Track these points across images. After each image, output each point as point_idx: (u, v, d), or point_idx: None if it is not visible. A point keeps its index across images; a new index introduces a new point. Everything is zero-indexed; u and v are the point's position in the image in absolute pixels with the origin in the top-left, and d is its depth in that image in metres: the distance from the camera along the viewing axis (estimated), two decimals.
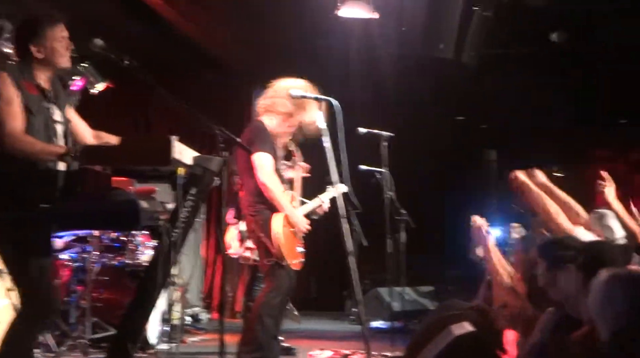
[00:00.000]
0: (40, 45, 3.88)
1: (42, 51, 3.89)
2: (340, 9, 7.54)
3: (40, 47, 3.88)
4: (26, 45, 3.89)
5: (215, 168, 3.97)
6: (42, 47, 3.88)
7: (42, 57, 3.90)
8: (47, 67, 3.94)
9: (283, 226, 5.25)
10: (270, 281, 5.33)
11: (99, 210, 3.92)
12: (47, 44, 3.89)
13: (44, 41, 3.89)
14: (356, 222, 6.62)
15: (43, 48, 3.89)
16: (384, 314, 8.52)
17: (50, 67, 3.94)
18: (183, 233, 3.93)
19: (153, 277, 3.89)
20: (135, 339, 4.00)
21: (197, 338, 7.35)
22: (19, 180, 3.76)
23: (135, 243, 6.73)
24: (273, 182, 5.23)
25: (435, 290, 9.90)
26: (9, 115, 3.73)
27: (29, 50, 3.88)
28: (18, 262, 3.82)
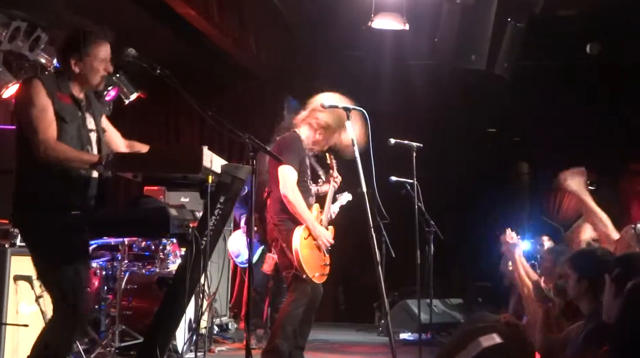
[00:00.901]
0: (79, 61, 3.92)
1: (80, 67, 3.93)
2: (374, 20, 7.55)
3: (79, 63, 3.92)
4: (67, 57, 3.93)
5: (243, 176, 3.98)
6: (81, 63, 3.92)
7: (79, 72, 3.93)
8: (81, 83, 3.97)
9: (304, 239, 5.26)
10: (292, 292, 5.36)
11: (129, 217, 3.94)
12: (88, 61, 3.92)
13: (85, 58, 3.92)
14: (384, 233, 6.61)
15: (82, 64, 3.92)
16: (412, 326, 8.48)
17: (84, 83, 3.98)
18: (212, 241, 3.94)
19: (181, 284, 3.89)
20: (163, 347, 4.00)
21: (224, 348, 7.35)
22: (52, 187, 3.80)
23: (165, 252, 6.76)
24: (295, 195, 5.25)
25: (464, 303, 9.84)
26: (43, 123, 3.77)
27: (68, 63, 3.93)
28: (53, 268, 3.85)
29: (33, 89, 3.82)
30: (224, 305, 8.38)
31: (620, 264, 3.26)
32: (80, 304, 3.86)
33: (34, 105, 3.78)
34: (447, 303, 9.52)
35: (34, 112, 3.78)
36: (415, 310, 7.96)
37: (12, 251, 5.20)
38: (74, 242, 3.88)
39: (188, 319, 6.34)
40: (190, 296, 4.05)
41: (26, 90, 3.85)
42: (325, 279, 5.49)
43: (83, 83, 3.98)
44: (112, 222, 3.95)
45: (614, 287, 3.21)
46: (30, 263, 4.00)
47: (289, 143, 5.44)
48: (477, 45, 7.93)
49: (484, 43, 7.90)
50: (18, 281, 5.19)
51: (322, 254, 5.46)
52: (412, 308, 8.76)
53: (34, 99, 3.79)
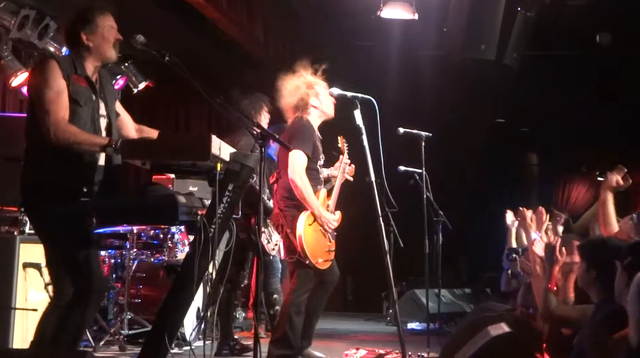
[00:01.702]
0: (90, 33, 3.95)
1: (92, 39, 3.95)
2: (382, 10, 7.53)
3: (90, 35, 3.94)
4: (78, 33, 3.95)
5: (252, 164, 3.97)
6: (93, 35, 3.95)
7: (92, 46, 3.95)
8: (96, 57, 3.98)
9: (309, 224, 5.27)
10: (295, 278, 5.37)
11: (138, 205, 3.95)
12: (98, 31, 3.96)
13: (95, 29, 3.95)
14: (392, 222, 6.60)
15: (93, 36, 3.95)
16: (420, 316, 8.49)
17: (99, 56, 3.99)
18: (220, 229, 3.93)
19: (190, 272, 3.89)
20: (171, 335, 4.00)
21: None
22: (60, 173, 3.81)
23: (173, 241, 6.77)
24: (302, 181, 5.26)
25: (473, 293, 9.83)
26: (56, 105, 3.77)
27: (80, 39, 3.94)
28: (65, 252, 3.87)
29: (49, 69, 3.82)
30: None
31: (633, 252, 3.24)
32: (101, 281, 3.95)
33: (48, 86, 3.79)
34: (455, 293, 9.52)
35: (47, 93, 3.78)
36: (424, 300, 7.96)
37: (21, 238, 5.23)
38: (83, 228, 3.89)
39: (196, 307, 6.35)
40: (198, 284, 4.05)
41: (41, 71, 3.85)
42: (330, 265, 5.48)
43: (98, 58, 3.99)
44: (121, 209, 3.96)
45: (625, 275, 3.20)
46: (39, 251, 4.02)
47: (300, 129, 5.44)
48: (487, 35, 7.90)
49: (493, 33, 7.87)
50: (27, 268, 5.22)
51: (327, 240, 5.46)
52: (420, 298, 8.77)
53: (49, 80, 3.80)
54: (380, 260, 5.04)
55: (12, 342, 5.06)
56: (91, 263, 3.90)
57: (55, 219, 3.82)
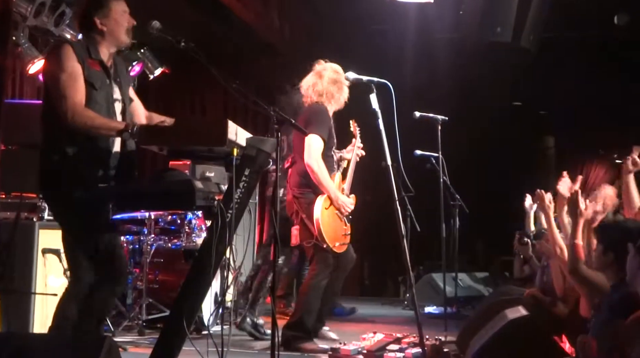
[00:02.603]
0: (104, 17, 3.96)
1: (106, 24, 3.96)
2: None
3: (104, 20, 3.96)
4: (91, 18, 3.96)
5: (269, 149, 3.98)
6: (106, 19, 3.96)
7: (105, 30, 3.96)
8: (109, 42, 4.00)
9: (325, 208, 5.30)
10: (315, 263, 5.39)
11: (155, 190, 3.96)
12: (111, 15, 3.97)
13: (108, 13, 3.96)
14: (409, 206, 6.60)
15: (107, 20, 3.96)
16: (437, 300, 8.49)
17: (112, 41, 4.00)
18: (237, 214, 3.94)
19: (207, 257, 3.90)
20: (189, 320, 4.02)
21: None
22: (77, 160, 3.82)
23: (191, 226, 6.80)
24: (319, 165, 5.28)
25: (490, 276, 9.82)
26: (72, 89, 3.79)
27: (94, 24, 3.95)
28: (85, 237, 3.90)
29: (64, 54, 3.83)
30: None
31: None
32: (122, 261, 3.98)
33: (64, 70, 3.80)
34: (472, 276, 9.51)
35: (63, 78, 3.79)
36: (441, 284, 7.97)
37: (40, 225, 5.26)
38: (103, 213, 3.93)
39: (214, 293, 6.38)
40: (215, 269, 4.07)
41: (56, 55, 3.86)
42: (346, 248, 5.50)
43: (112, 42, 4.00)
44: (138, 195, 3.98)
45: (638, 256, 3.19)
46: (58, 237, 4.04)
47: (317, 113, 5.46)
48: (503, 17, 7.85)
49: (509, 15, 7.81)
50: (46, 254, 5.25)
51: (343, 223, 5.48)
52: (437, 281, 8.76)
53: (64, 64, 3.81)
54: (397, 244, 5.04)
55: (33, 326, 5.11)
56: (114, 248, 3.94)
57: (74, 205, 3.84)
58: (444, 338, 5.77)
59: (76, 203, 3.82)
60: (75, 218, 3.88)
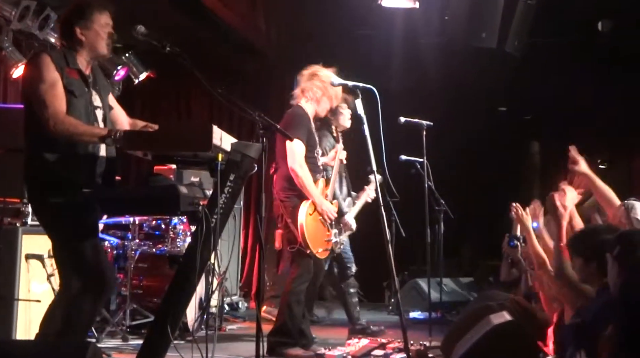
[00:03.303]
0: (85, 28, 3.95)
1: (86, 34, 3.96)
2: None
3: (84, 30, 3.95)
4: (72, 27, 3.96)
5: (254, 154, 3.97)
6: (87, 30, 3.96)
7: (85, 41, 3.96)
8: (88, 52, 4.00)
9: (309, 214, 5.31)
10: (295, 268, 5.40)
11: (140, 195, 3.96)
12: (92, 27, 3.96)
13: (90, 24, 3.96)
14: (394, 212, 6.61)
15: (87, 31, 3.96)
16: (422, 305, 8.49)
17: (91, 52, 4.00)
18: (222, 220, 3.94)
19: (192, 262, 3.89)
20: (174, 326, 4.00)
21: (234, 326, 7.38)
22: (61, 165, 3.81)
23: (175, 231, 6.78)
24: (302, 169, 5.29)
25: (475, 281, 9.84)
26: (52, 97, 3.78)
27: (74, 33, 3.95)
28: (71, 244, 3.87)
29: (42, 63, 3.82)
30: (234, 284, 8.41)
31: (621, 242, 3.24)
32: (108, 272, 3.94)
33: (43, 80, 3.79)
34: (457, 282, 9.53)
35: (43, 87, 3.78)
36: (426, 289, 7.98)
37: (24, 230, 5.23)
38: (88, 219, 3.91)
39: (199, 298, 6.37)
40: (200, 274, 4.06)
41: (35, 65, 3.86)
42: (328, 254, 5.51)
43: (90, 53, 4.00)
44: (123, 199, 3.97)
45: (616, 265, 3.20)
46: (41, 242, 4.03)
47: (295, 117, 5.47)
48: (488, 23, 7.88)
49: (494, 20, 7.84)
50: (29, 259, 5.22)
51: (326, 229, 5.50)
52: (422, 287, 8.77)
53: (43, 73, 3.80)
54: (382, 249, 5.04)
55: (16, 333, 5.07)
56: (99, 255, 3.92)
57: (59, 211, 3.82)
58: (428, 343, 5.78)
59: (61, 209, 3.80)
60: (61, 225, 3.86)
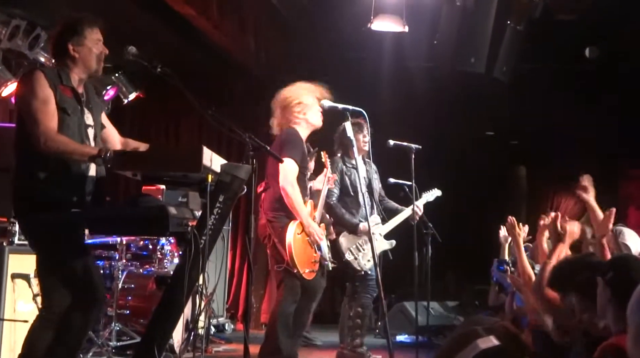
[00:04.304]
0: (77, 45, 3.96)
1: (79, 51, 3.96)
2: (373, 22, 7.55)
3: (77, 47, 3.95)
4: (65, 43, 3.96)
5: (243, 176, 3.98)
6: (79, 47, 3.96)
7: (78, 57, 3.96)
8: (81, 69, 3.99)
9: (297, 234, 5.30)
10: (282, 290, 5.38)
11: (128, 215, 3.94)
12: (85, 43, 3.97)
13: (82, 40, 3.96)
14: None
15: (80, 47, 3.96)
16: (409, 328, 8.47)
17: (84, 68, 4.00)
18: (211, 241, 3.93)
19: (180, 283, 3.88)
20: (160, 347, 3.98)
21: (220, 348, 7.35)
22: (50, 184, 3.80)
23: (163, 252, 6.76)
24: (293, 189, 5.29)
25: (461, 305, 9.83)
26: (44, 114, 3.77)
27: (67, 50, 3.95)
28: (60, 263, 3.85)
29: (35, 80, 3.81)
30: (220, 305, 8.37)
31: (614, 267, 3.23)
32: (99, 287, 3.93)
33: (35, 96, 3.78)
34: (444, 305, 9.52)
35: (35, 104, 3.77)
36: (412, 313, 7.97)
37: (10, 249, 5.21)
38: (76, 238, 3.90)
39: (185, 319, 6.34)
40: (188, 296, 4.05)
41: (28, 81, 3.85)
42: (314, 276, 5.49)
43: (83, 70, 3.99)
44: (112, 219, 3.95)
45: (608, 290, 3.18)
46: (27, 262, 4.01)
47: (290, 138, 5.47)
48: (477, 48, 7.94)
49: (483, 46, 7.90)
50: (15, 279, 5.19)
51: (314, 251, 5.48)
52: (409, 310, 8.75)
53: (36, 90, 3.79)
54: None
55: (0, 352, 5.03)
56: (91, 273, 3.89)
57: (47, 229, 3.80)
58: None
59: (49, 228, 3.78)
60: (49, 244, 3.84)
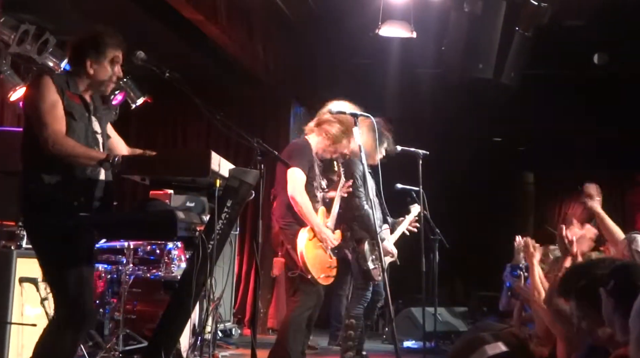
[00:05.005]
0: (95, 63, 3.93)
1: (95, 69, 3.93)
2: (381, 28, 7.56)
3: (94, 65, 3.93)
4: (84, 57, 3.93)
5: (251, 181, 3.98)
6: (97, 65, 3.93)
7: (93, 74, 3.94)
8: (91, 85, 3.98)
9: (309, 240, 5.30)
10: (297, 296, 5.37)
11: (137, 220, 3.94)
12: (103, 63, 3.93)
13: (102, 59, 3.93)
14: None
15: (97, 66, 3.93)
16: (416, 334, 8.46)
17: (95, 85, 3.98)
18: (218, 246, 3.94)
19: (188, 288, 3.88)
20: (168, 352, 3.99)
21: (227, 353, 7.34)
22: (58, 188, 3.79)
23: (170, 256, 6.76)
24: (302, 197, 5.30)
25: (469, 311, 9.82)
26: (52, 117, 3.77)
27: (84, 63, 3.93)
28: (57, 271, 3.84)
29: (43, 84, 3.81)
30: (228, 310, 8.37)
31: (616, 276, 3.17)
32: (88, 306, 3.87)
33: (43, 100, 3.78)
34: (451, 311, 9.50)
35: (43, 107, 3.77)
36: (420, 318, 7.96)
37: (18, 253, 5.21)
38: (80, 244, 3.87)
39: (192, 324, 6.33)
40: (196, 300, 4.05)
41: (36, 85, 3.85)
42: (332, 281, 5.51)
43: (93, 86, 3.98)
44: (120, 224, 3.95)
45: (612, 299, 3.13)
46: (35, 266, 3.99)
47: (299, 148, 5.51)
48: (484, 54, 7.93)
49: (491, 52, 7.89)
50: (23, 283, 5.19)
51: (329, 256, 5.49)
52: (416, 316, 8.75)
53: (44, 94, 3.79)
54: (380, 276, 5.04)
55: (7, 356, 5.03)
56: (83, 286, 3.84)
57: (50, 234, 3.79)
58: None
59: (53, 232, 3.77)
60: (50, 249, 3.82)
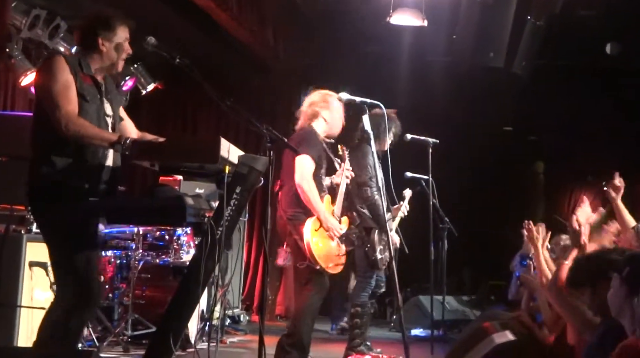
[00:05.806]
0: (107, 39, 3.94)
1: (107, 45, 3.95)
2: (392, 16, 7.53)
3: (106, 42, 3.94)
4: (95, 35, 3.94)
5: (260, 167, 3.98)
6: (108, 42, 3.94)
7: (105, 52, 3.95)
8: (104, 63, 3.98)
9: (315, 230, 5.29)
10: (310, 285, 5.38)
11: (146, 205, 3.95)
12: (114, 39, 3.95)
13: (112, 36, 3.95)
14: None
15: (109, 43, 3.94)
16: (424, 322, 8.47)
17: (107, 63, 3.99)
18: (227, 232, 3.94)
19: (196, 274, 3.89)
20: (176, 337, 4.00)
21: (235, 339, 7.37)
22: (67, 172, 3.80)
23: (179, 242, 6.78)
24: (309, 185, 5.29)
25: (477, 300, 9.82)
26: (65, 98, 3.77)
27: (95, 42, 3.94)
28: (64, 253, 3.85)
29: (56, 64, 3.82)
30: (236, 296, 8.40)
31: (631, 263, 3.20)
32: (96, 283, 3.91)
33: (56, 80, 3.78)
34: (459, 300, 9.51)
35: (56, 87, 3.77)
36: (428, 307, 7.97)
37: (28, 237, 5.23)
38: (89, 227, 3.89)
39: (201, 310, 6.36)
40: (204, 286, 4.06)
41: (49, 66, 3.85)
42: (341, 269, 5.51)
43: (106, 64, 3.98)
44: (129, 209, 3.96)
45: (625, 286, 3.14)
46: (45, 250, 4.01)
47: (307, 135, 5.48)
48: (496, 43, 7.91)
49: (502, 41, 7.88)
50: (33, 267, 5.21)
51: (337, 245, 5.48)
52: (424, 304, 8.75)
53: (56, 74, 3.79)
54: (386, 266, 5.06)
55: (17, 340, 5.07)
56: (92, 268, 3.87)
57: (58, 218, 3.80)
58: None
59: (61, 216, 3.78)
60: (61, 234, 3.83)
